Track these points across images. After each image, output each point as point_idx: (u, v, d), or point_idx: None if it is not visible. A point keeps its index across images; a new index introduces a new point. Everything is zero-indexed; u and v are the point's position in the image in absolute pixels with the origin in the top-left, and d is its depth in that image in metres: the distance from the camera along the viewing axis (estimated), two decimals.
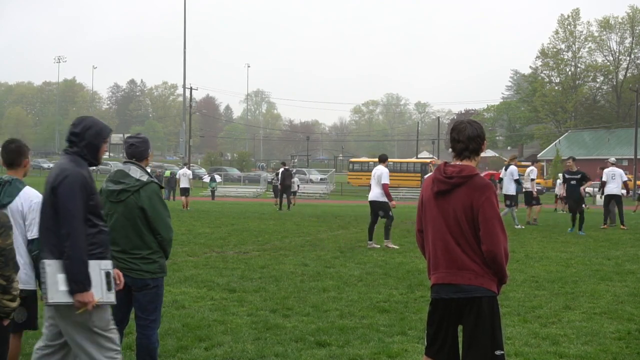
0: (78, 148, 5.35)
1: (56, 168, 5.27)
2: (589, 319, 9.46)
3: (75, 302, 5.04)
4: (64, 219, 5.05)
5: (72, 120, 5.48)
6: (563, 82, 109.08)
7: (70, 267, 5.01)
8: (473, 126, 5.13)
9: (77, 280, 5.02)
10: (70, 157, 5.31)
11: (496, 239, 4.84)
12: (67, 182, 5.12)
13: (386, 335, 8.45)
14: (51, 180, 5.17)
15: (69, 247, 5.01)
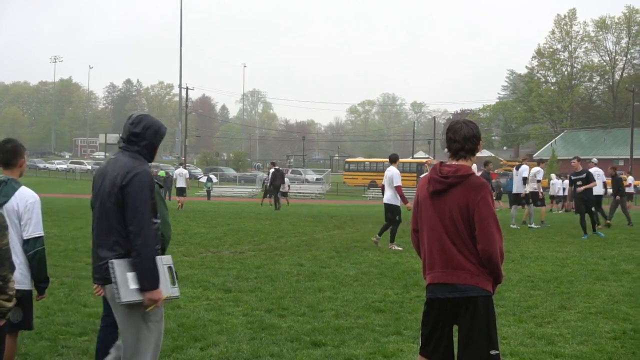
0: (138, 147, 5.40)
1: (120, 167, 5.27)
2: (584, 318, 9.47)
3: (145, 300, 5.12)
4: (134, 217, 5.10)
5: (130, 119, 5.46)
6: (559, 82, 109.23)
7: (142, 265, 5.08)
8: (469, 126, 5.14)
9: (148, 278, 5.10)
10: (131, 155, 5.37)
11: (492, 239, 4.84)
12: (137, 181, 5.17)
13: (382, 335, 8.46)
14: (117, 178, 5.19)
15: (140, 245, 5.07)
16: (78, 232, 19.73)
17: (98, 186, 5.40)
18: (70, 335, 8.22)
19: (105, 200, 5.23)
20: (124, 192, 5.14)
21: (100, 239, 5.28)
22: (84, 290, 10.92)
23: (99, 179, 5.42)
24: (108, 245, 5.19)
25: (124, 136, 5.44)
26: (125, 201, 5.13)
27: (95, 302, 9.57)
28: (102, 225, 5.27)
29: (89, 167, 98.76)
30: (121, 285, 5.05)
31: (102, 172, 5.42)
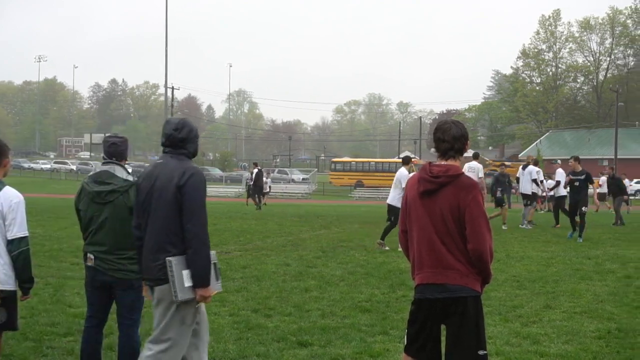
0: (185, 150, 5.56)
1: (173, 168, 5.40)
2: (569, 318, 9.51)
3: (197, 297, 5.30)
4: (192, 216, 5.27)
5: (172, 125, 5.58)
6: (544, 83, 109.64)
7: (198, 263, 5.24)
8: (457, 126, 5.15)
9: (202, 276, 5.27)
10: (179, 158, 5.52)
11: (482, 238, 4.85)
12: (194, 181, 5.34)
13: (368, 335, 8.46)
14: (174, 179, 5.32)
15: (197, 243, 5.24)
16: (63, 232, 19.65)
17: (147, 189, 5.45)
18: (55, 335, 8.18)
19: (160, 202, 5.34)
20: (181, 192, 5.29)
21: (154, 240, 5.37)
22: (69, 290, 10.87)
23: (147, 182, 5.48)
24: (163, 245, 5.31)
25: (167, 141, 5.54)
26: (182, 201, 5.28)
27: (80, 303, 9.54)
28: (156, 226, 5.37)
29: (74, 167, 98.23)
30: (178, 283, 5.18)
31: (150, 175, 5.51)
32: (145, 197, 5.46)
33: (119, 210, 6.10)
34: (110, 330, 7.41)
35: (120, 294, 6.21)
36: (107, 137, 6.53)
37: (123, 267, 6.11)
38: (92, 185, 6.23)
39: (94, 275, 6.21)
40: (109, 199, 6.11)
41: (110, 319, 6.59)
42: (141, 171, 5.76)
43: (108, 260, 6.10)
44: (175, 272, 5.19)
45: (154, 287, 5.41)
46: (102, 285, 6.20)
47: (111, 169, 6.27)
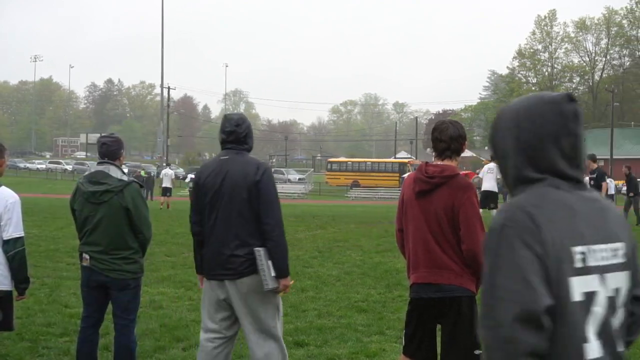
0: (247, 145, 5.72)
1: (245, 164, 5.55)
2: None
3: (280, 286, 5.51)
4: (271, 209, 5.48)
5: (232, 121, 5.69)
6: (540, 83, 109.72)
7: (280, 254, 5.47)
8: (455, 126, 5.16)
9: (284, 266, 5.51)
10: (243, 153, 5.65)
11: (476, 238, 4.85)
12: (268, 175, 5.58)
13: (364, 335, 8.46)
14: (249, 175, 5.46)
15: (278, 234, 5.47)
16: (59, 232, 19.64)
17: (216, 185, 5.53)
18: (51, 336, 8.17)
19: (236, 197, 5.44)
20: (257, 187, 5.45)
21: (232, 235, 5.47)
22: (65, 290, 10.87)
23: (215, 179, 5.54)
24: (245, 239, 5.45)
25: (231, 138, 5.64)
26: (259, 195, 5.45)
27: (76, 303, 9.53)
28: (233, 221, 5.47)
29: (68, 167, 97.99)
30: (267, 273, 5.36)
31: (217, 171, 5.57)
32: (214, 194, 5.52)
33: (113, 210, 6.09)
34: (107, 330, 7.40)
35: (116, 294, 6.20)
36: (100, 137, 6.55)
37: (118, 267, 6.11)
38: (87, 185, 6.22)
39: (89, 275, 6.20)
40: (103, 199, 6.10)
41: (106, 319, 6.58)
42: (201, 167, 5.85)
43: (103, 260, 6.10)
44: (265, 261, 5.37)
45: (235, 281, 5.47)
46: (97, 286, 6.20)
47: (106, 169, 6.26)
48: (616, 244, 2.31)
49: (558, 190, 2.29)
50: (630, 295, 2.35)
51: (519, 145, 2.35)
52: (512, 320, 2.09)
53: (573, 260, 2.19)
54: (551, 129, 2.31)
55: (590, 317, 2.21)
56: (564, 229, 2.21)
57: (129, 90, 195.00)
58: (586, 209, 2.30)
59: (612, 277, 2.27)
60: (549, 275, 2.15)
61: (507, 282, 2.15)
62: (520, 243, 2.17)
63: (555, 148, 2.31)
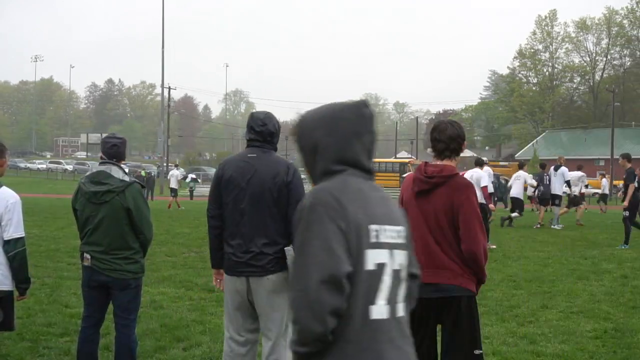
0: (274, 144, 5.76)
1: (275, 163, 5.59)
2: (566, 318, 9.52)
3: None
4: None
5: (259, 120, 5.69)
6: (540, 83, 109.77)
7: None
8: (454, 126, 5.17)
9: None
10: (270, 152, 5.69)
11: (476, 239, 4.85)
12: (298, 175, 5.62)
13: None
14: (280, 174, 5.50)
15: None
16: (59, 232, 19.63)
17: (244, 182, 5.55)
18: (51, 336, 8.17)
19: (264, 196, 5.48)
20: (289, 187, 5.50)
21: (261, 233, 5.50)
22: (66, 290, 10.86)
23: (242, 176, 5.56)
24: (274, 238, 5.48)
25: (258, 136, 5.66)
26: (289, 195, 5.49)
27: (76, 303, 9.53)
28: (258, 218, 5.50)
29: (69, 167, 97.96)
30: None
31: (245, 169, 5.58)
32: (241, 191, 5.54)
33: (115, 210, 6.09)
34: (107, 330, 7.40)
35: (117, 294, 6.21)
36: (107, 137, 6.50)
37: (119, 267, 6.12)
38: (89, 186, 6.22)
39: (90, 275, 6.20)
40: (105, 199, 6.11)
41: (107, 319, 6.58)
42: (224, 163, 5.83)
43: (105, 260, 6.10)
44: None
45: (261, 278, 5.49)
46: (98, 285, 6.20)
47: (108, 169, 6.26)
48: (399, 227, 2.82)
49: (356, 179, 2.75)
50: (408, 272, 2.86)
51: (328, 143, 2.76)
52: (319, 283, 2.45)
53: (369, 236, 2.62)
54: (356, 128, 2.79)
55: (380, 284, 2.65)
56: (362, 209, 2.64)
57: (129, 90, 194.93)
58: (376, 195, 2.78)
59: (397, 254, 2.76)
60: (350, 247, 2.56)
61: (316, 251, 2.50)
62: (328, 219, 2.55)
63: (360, 144, 2.79)
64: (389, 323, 2.68)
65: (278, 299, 5.53)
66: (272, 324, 5.56)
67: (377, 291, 2.64)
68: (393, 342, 2.68)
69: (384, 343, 2.64)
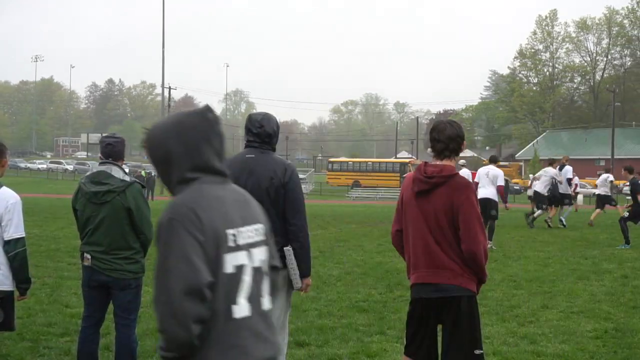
0: (272, 145, 5.77)
1: (272, 164, 5.62)
2: (566, 318, 9.52)
3: (303, 285, 5.70)
4: (297, 211, 5.60)
5: (257, 122, 5.70)
6: (541, 83, 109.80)
7: (305, 255, 5.63)
8: (453, 126, 5.16)
9: (309, 266, 5.71)
10: (268, 152, 5.71)
11: (476, 239, 4.85)
12: (295, 176, 5.66)
13: (365, 335, 8.46)
14: (277, 175, 5.55)
15: (304, 236, 5.61)
16: (59, 232, 19.63)
17: (242, 183, 5.46)
18: (51, 336, 8.17)
19: (261, 196, 5.42)
20: (286, 188, 5.57)
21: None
22: (66, 290, 10.87)
23: (239, 176, 5.52)
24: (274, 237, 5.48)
25: (257, 137, 5.69)
26: (287, 196, 5.57)
27: (76, 303, 9.53)
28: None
29: (70, 167, 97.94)
30: (295, 272, 5.54)
31: (242, 169, 5.58)
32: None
33: (115, 210, 6.09)
34: (107, 330, 7.40)
35: (117, 294, 6.21)
36: (104, 137, 6.52)
37: (120, 267, 6.12)
38: (89, 186, 6.22)
39: (90, 275, 6.20)
40: (105, 199, 6.10)
41: (107, 319, 6.58)
42: None
43: (105, 260, 6.10)
44: (292, 261, 5.51)
45: None
46: (99, 285, 6.20)
47: (108, 169, 6.26)
48: (257, 225, 3.00)
49: (210, 186, 2.86)
50: (269, 265, 3.05)
51: (180, 152, 2.85)
52: (181, 294, 2.58)
53: (227, 241, 2.76)
54: (204, 133, 2.90)
55: (241, 285, 2.80)
56: (218, 216, 2.78)
57: (129, 90, 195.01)
58: (231, 198, 2.91)
59: (257, 252, 2.93)
60: (209, 256, 2.70)
61: (176, 264, 2.62)
62: (185, 232, 2.67)
63: (210, 147, 2.90)
64: (252, 319, 2.83)
65: (274, 298, 5.52)
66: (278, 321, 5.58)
67: (237, 291, 2.79)
68: (259, 336, 2.85)
69: (249, 338, 2.80)
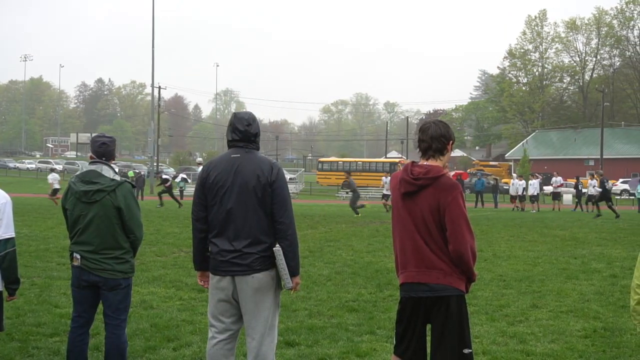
0: (256, 144, 5.77)
1: (258, 163, 5.60)
2: (555, 317, 9.55)
3: (293, 284, 5.64)
4: (285, 209, 5.57)
5: (244, 120, 5.71)
6: (530, 83, 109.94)
7: (294, 253, 5.59)
8: (438, 125, 5.16)
9: (298, 265, 5.67)
10: (254, 152, 5.70)
11: (463, 239, 4.85)
12: (282, 175, 5.66)
13: (355, 335, 8.47)
14: (264, 174, 5.53)
15: (292, 234, 5.58)
16: (49, 232, 19.57)
17: (228, 183, 5.57)
18: (41, 336, 8.15)
19: (249, 196, 5.52)
20: (273, 187, 5.54)
21: (246, 232, 5.52)
22: (55, 290, 10.83)
23: (226, 177, 5.58)
24: (258, 237, 5.51)
25: (242, 136, 5.68)
26: (274, 195, 5.54)
27: (66, 303, 9.51)
28: (247, 219, 5.53)
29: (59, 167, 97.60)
30: (285, 272, 5.50)
31: (228, 169, 5.60)
32: (226, 191, 5.56)
33: (105, 209, 6.08)
34: (97, 330, 7.39)
35: (106, 294, 6.19)
36: (96, 137, 6.49)
37: (109, 267, 6.10)
38: (79, 185, 6.20)
39: (80, 275, 6.18)
40: (95, 199, 6.09)
41: (96, 319, 6.56)
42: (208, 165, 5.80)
43: (94, 260, 6.08)
44: (282, 260, 5.47)
45: (246, 276, 5.51)
46: (88, 285, 6.18)
47: (98, 168, 6.24)
48: None
49: None
50: None
51: None
52: None
53: None
54: None
55: None
56: None
57: (119, 89, 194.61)
58: None
59: None
60: None
61: None
62: None
63: None
64: None
65: (263, 298, 5.57)
66: (257, 322, 5.58)
67: None
68: None
69: None
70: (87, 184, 6.16)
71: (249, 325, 5.61)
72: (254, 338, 5.60)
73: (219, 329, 5.69)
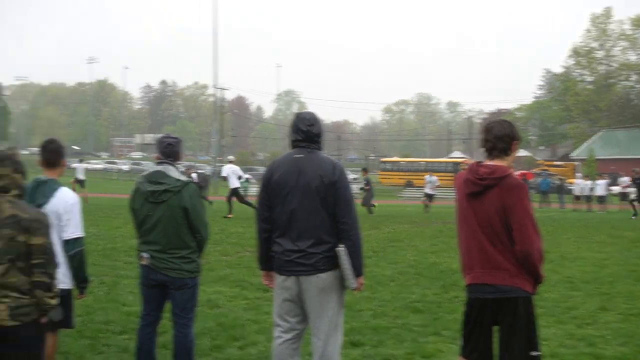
0: (319, 144, 5.81)
1: (321, 163, 5.63)
2: (625, 320, 9.37)
3: (358, 284, 5.63)
4: (348, 209, 5.57)
5: (305, 120, 5.78)
6: (596, 81, 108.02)
7: (357, 253, 5.57)
8: (502, 125, 5.12)
9: (362, 265, 5.66)
10: (316, 152, 5.73)
11: (529, 239, 4.80)
12: (344, 175, 5.65)
13: (420, 336, 8.43)
14: (327, 174, 5.55)
15: (356, 234, 5.57)
16: (116, 232, 19.88)
17: (292, 183, 5.61)
18: (110, 333, 8.30)
19: (312, 196, 5.53)
20: (336, 187, 5.54)
21: (310, 232, 5.55)
22: (123, 289, 11.01)
23: (289, 177, 5.62)
24: (322, 237, 5.53)
25: (305, 137, 5.73)
26: (337, 194, 5.54)
27: (133, 301, 9.65)
28: (307, 218, 5.55)
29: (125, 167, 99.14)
30: (349, 272, 5.51)
31: (291, 170, 5.64)
32: (290, 191, 5.59)
33: (172, 209, 6.16)
34: (164, 328, 7.47)
35: (174, 293, 6.27)
36: (163, 137, 6.58)
37: (177, 267, 6.18)
38: (146, 185, 6.29)
39: (148, 274, 6.28)
40: (162, 199, 6.17)
41: (164, 317, 6.65)
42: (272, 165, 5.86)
43: (162, 259, 6.17)
44: (346, 260, 5.48)
45: (311, 276, 5.54)
46: (156, 284, 6.27)
47: (164, 169, 6.33)
48: None
49: None
50: None
51: None
52: None
53: None
54: None
55: None
56: None
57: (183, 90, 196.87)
58: None
59: None
60: None
61: None
62: None
63: None
64: None
65: (328, 298, 5.58)
66: (322, 322, 5.59)
67: None
68: None
69: None
70: (154, 184, 6.24)
71: (314, 325, 5.63)
72: (320, 338, 5.61)
73: (284, 329, 5.72)
